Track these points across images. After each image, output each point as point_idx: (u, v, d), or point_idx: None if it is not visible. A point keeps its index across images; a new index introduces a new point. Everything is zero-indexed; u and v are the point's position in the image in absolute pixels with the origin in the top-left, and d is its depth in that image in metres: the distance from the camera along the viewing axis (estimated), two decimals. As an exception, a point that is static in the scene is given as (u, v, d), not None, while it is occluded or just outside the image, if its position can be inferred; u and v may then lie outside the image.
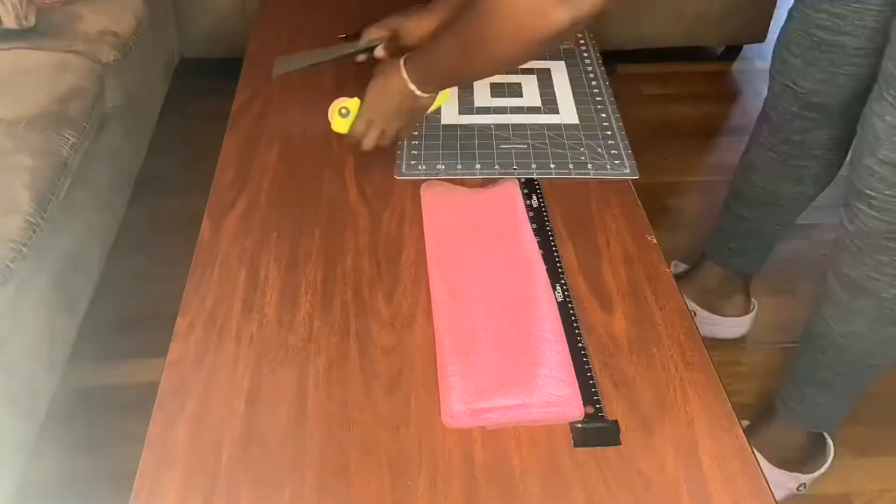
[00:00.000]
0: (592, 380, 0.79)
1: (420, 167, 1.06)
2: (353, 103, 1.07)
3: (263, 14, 1.48)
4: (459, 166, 1.06)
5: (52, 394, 1.27)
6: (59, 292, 1.31)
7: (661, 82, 2.35)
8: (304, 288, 0.90)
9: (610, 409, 0.77)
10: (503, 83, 1.23)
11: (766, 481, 0.71)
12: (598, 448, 0.74)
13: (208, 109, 1.57)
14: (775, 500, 0.71)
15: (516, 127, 1.14)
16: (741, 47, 2.48)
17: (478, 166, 1.06)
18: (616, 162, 1.07)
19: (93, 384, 1.43)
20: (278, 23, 1.45)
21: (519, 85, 1.23)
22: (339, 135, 1.09)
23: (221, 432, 0.75)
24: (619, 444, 0.74)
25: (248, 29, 1.47)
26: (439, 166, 1.06)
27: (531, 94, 1.21)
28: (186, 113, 2.10)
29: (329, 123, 1.09)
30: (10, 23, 1.48)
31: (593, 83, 1.24)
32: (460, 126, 1.14)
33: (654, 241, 0.96)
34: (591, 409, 0.77)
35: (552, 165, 1.06)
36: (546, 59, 1.28)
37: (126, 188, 1.67)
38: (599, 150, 1.09)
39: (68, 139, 1.34)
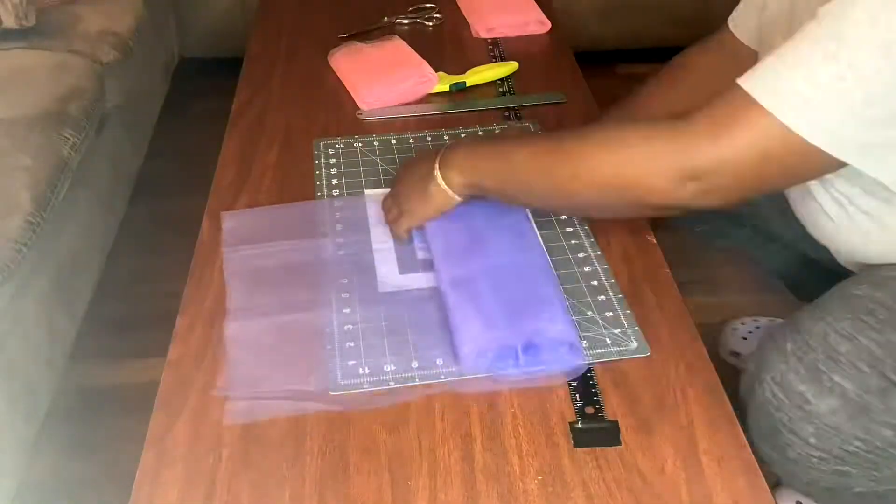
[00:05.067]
0: (592, 380, 0.79)
1: (362, 371, 0.80)
2: None
3: (263, 14, 1.48)
4: (415, 364, 0.81)
5: (51, 394, 1.27)
6: (59, 292, 1.31)
7: (661, 82, 2.35)
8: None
9: (610, 409, 0.77)
10: None
11: (766, 481, 0.71)
12: (598, 448, 0.74)
13: (208, 109, 1.57)
14: (774, 500, 0.71)
15: None
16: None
17: (439, 361, 0.81)
18: (616, 332, 0.84)
19: (93, 384, 1.43)
20: (278, 23, 1.45)
21: None
22: None
23: (221, 432, 0.75)
24: (619, 444, 0.74)
25: (248, 29, 1.48)
26: (388, 367, 0.80)
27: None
28: (186, 113, 2.10)
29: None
30: (10, 23, 1.48)
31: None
32: (404, 293, 0.89)
33: (654, 240, 0.96)
34: (591, 409, 0.77)
35: None
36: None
37: (126, 188, 1.67)
38: (590, 313, 0.86)
39: (68, 139, 1.34)
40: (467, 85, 1.24)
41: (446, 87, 1.23)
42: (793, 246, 1.13)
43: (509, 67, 1.27)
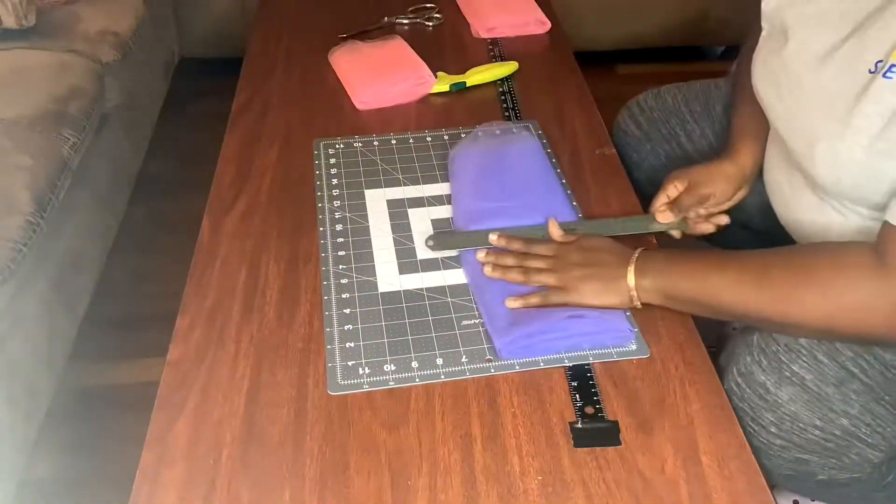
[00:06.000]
0: (592, 380, 0.80)
1: (362, 371, 0.81)
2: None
3: (263, 14, 1.48)
4: (415, 364, 0.81)
5: (51, 394, 1.27)
6: (59, 292, 1.31)
7: (661, 82, 2.35)
8: (304, 288, 0.90)
9: (610, 409, 0.77)
10: (447, 218, 1.00)
11: (765, 481, 0.71)
12: (598, 448, 0.74)
13: (208, 109, 1.58)
14: (774, 500, 0.71)
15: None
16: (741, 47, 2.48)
17: (440, 361, 0.82)
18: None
19: (93, 384, 1.43)
20: (278, 23, 1.45)
21: None
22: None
23: (221, 432, 0.75)
24: (619, 444, 0.74)
25: (248, 29, 1.48)
26: (388, 367, 0.81)
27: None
28: (186, 113, 2.10)
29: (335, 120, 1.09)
30: (10, 23, 1.48)
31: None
32: (404, 293, 0.90)
33: (654, 241, 0.96)
34: (591, 410, 0.77)
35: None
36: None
37: (126, 188, 1.67)
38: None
39: (68, 139, 1.34)
40: (467, 85, 1.24)
41: (446, 87, 1.23)
42: (770, 239, 1.15)
43: (509, 67, 1.27)
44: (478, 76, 1.25)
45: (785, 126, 0.90)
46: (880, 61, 0.76)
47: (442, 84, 1.23)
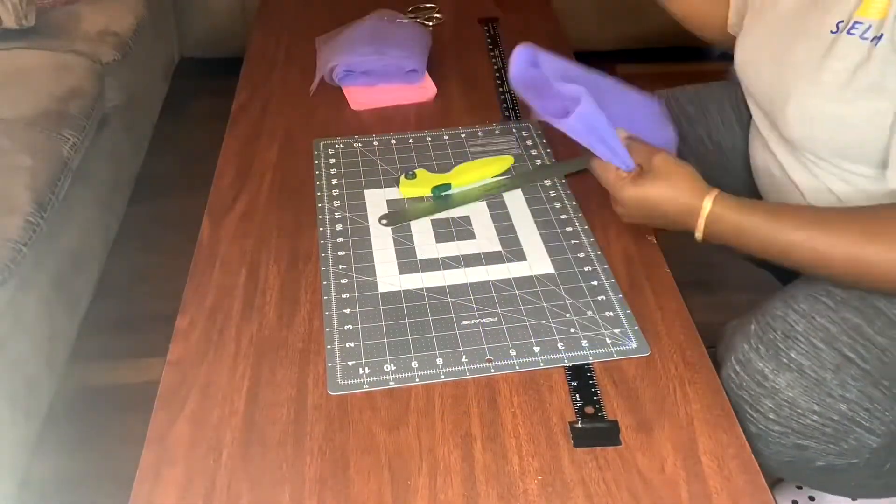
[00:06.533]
0: (592, 380, 0.80)
1: (362, 371, 0.80)
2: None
3: (263, 14, 1.48)
4: (415, 364, 0.81)
5: (52, 393, 1.27)
6: (59, 292, 1.31)
7: (662, 82, 2.35)
8: (304, 288, 0.90)
9: (610, 409, 0.77)
10: (447, 218, 1.00)
11: (765, 481, 0.71)
12: (598, 448, 0.74)
13: (208, 109, 1.58)
14: (774, 500, 0.71)
15: (477, 288, 0.90)
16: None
17: (440, 361, 0.82)
18: (616, 332, 0.84)
19: (93, 384, 1.44)
20: (278, 23, 1.45)
21: (467, 219, 0.99)
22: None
23: (221, 432, 0.75)
24: (619, 443, 0.74)
25: (247, 29, 1.48)
26: (388, 367, 0.81)
27: (485, 231, 0.97)
28: (186, 113, 2.10)
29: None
30: (10, 23, 1.48)
31: (556, 204, 1.02)
32: (404, 293, 0.90)
33: (654, 240, 0.96)
34: (590, 409, 0.77)
35: (536, 349, 0.82)
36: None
37: (126, 188, 1.67)
38: (590, 313, 0.86)
39: (68, 139, 1.34)
40: (453, 187, 1.03)
41: (427, 191, 1.03)
42: None
43: (504, 162, 1.07)
44: (466, 176, 1.05)
45: (764, 99, 0.93)
46: (841, 21, 0.81)
47: (418, 187, 1.03)
